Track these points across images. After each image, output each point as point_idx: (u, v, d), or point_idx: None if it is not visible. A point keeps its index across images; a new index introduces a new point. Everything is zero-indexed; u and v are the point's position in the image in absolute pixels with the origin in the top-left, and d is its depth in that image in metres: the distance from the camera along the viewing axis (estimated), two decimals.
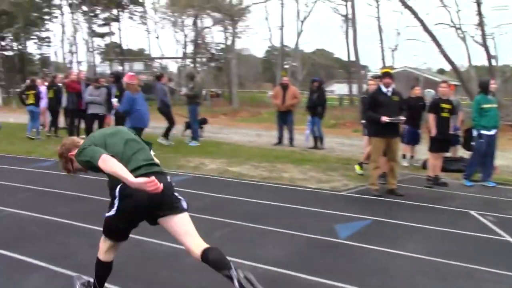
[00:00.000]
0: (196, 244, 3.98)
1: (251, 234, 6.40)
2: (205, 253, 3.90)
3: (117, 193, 3.76)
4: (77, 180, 9.42)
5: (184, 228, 4.02)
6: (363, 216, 7.38)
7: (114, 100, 12.98)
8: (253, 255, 5.53)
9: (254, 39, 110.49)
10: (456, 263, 5.50)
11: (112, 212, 3.84)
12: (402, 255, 5.74)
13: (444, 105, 10.05)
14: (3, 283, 4.69)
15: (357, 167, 10.99)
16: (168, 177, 4.04)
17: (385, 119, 8.75)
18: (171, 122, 14.91)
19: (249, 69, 76.16)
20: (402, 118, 8.99)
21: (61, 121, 16.90)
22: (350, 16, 39.04)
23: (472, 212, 7.95)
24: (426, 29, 25.16)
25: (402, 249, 5.92)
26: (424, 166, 11.41)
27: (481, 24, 26.74)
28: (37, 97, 15.90)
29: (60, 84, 16.05)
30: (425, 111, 11.17)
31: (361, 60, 38.29)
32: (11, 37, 61.75)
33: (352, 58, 41.11)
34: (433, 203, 8.53)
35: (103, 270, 4.23)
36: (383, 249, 5.92)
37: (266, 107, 35.12)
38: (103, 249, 4.15)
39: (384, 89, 9.06)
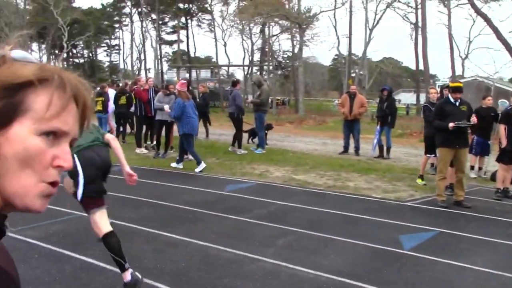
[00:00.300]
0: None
1: (315, 243, 6.43)
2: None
3: (77, 163, 4.61)
4: (144, 186, 9.72)
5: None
6: (428, 228, 7.29)
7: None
8: (316, 263, 5.57)
9: (320, 47, 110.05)
10: None
11: (80, 187, 4.65)
12: (468, 268, 5.65)
13: None
14: (70, 283, 4.90)
15: (418, 180, 10.88)
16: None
17: (452, 124, 8.59)
18: (240, 130, 14.97)
19: (315, 77, 75.98)
20: (472, 121, 8.77)
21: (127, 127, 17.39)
22: (419, 23, 38.58)
23: None
24: (499, 37, 24.49)
25: (468, 262, 5.82)
26: (493, 178, 11.11)
27: None
28: (105, 104, 16.37)
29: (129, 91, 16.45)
30: (497, 121, 10.90)
31: (430, 69, 37.43)
32: (82, 45, 64.01)
33: (421, 66, 40.55)
34: (501, 216, 8.32)
35: (112, 240, 4.69)
36: (448, 261, 5.85)
37: (332, 115, 34.97)
38: (97, 225, 4.71)
39: (452, 99, 8.91)
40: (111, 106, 16.72)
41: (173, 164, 11.90)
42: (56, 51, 56.83)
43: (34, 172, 0.89)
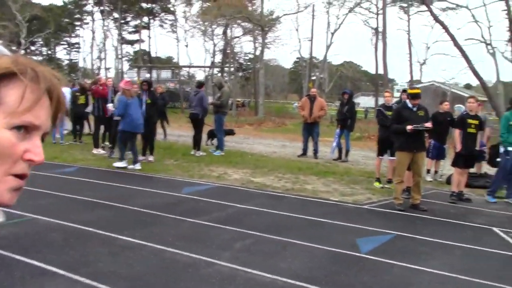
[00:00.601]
0: None
1: (272, 246, 6.38)
2: None
3: None
4: (100, 187, 9.53)
5: None
6: (385, 231, 7.32)
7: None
8: (274, 267, 5.51)
9: (282, 50, 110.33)
10: (478, 280, 5.45)
11: None
12: (424, 271, 5.68)
13: (471, 121, 9.95)
14: None
15: (376, 183, 10.99)
16: None
17: (410, 127, 8.68)
18: (200, 132, 14.83)
19: (276, 80, 76.29)
20: (428, 125, 8.87)
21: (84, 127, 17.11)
22: (380, 29, 39.16)
23: (495, 229, 7.88)
24: (456, 44, 24.97)
25: (424, 265, 5.86)
26: (448, 181, 11.31)
27: (510, 40, 26.51)
28: None
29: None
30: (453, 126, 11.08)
31: (389, 73, 38.08)
32: (41, 42, 62.79)
33: (380, 71, 41.16)
34: (456, 219, 8.45)
35: None
36: (405, 264, 5.88)
37: (292, 118, 35.13)
38: None
39: (409, 104, 9.01)
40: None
41: (130, 166, 11.72)
42: (13, 48, 55.59)
43: (3, 166, 0.88)
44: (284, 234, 6.83)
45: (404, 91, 10.77)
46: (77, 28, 66.20)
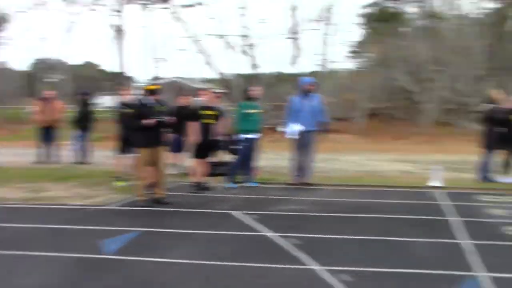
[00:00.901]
0: None
1: (9, 262, 5.89)
2: None
3: None
4: None
5: None
6: (130, 229, 7.27)
7: None
8: (13, 285, 5.14)
9: (15, 51, 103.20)
10: (223, 263, 5.74)
11: None
12: (174, 263, 5.79)
13: (206, 112, 10.38)
14: None
15: (118, 182, 10.94)
16: None
17: (149, 121, 8.71)
18: None
19: (8, 84, 71.51)
20: (167, 118, 9.01)
21: None
22: (120, 27, 39.02)
23: (235, 213, 8.39)
24: (195, 39, 25.95)
25: (172, 257, 5.97)
26: (188, 172, 11.64)
27: (245, 35, 28.29)
28: None
29: None
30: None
31: (130, 71, 38.34)
32: None
33: (121, 69, 41.06)
34: (199, 208, 8.82)
35: None
36: (154, 259, 5.92)
37: (27, 123, 33.26)
38: None
39: (149, 101, 9.03)
40: None
41: None
42: None
43: None
44: (22, 248, 6.36)
45: (144, 87, 10.80)
46: None
